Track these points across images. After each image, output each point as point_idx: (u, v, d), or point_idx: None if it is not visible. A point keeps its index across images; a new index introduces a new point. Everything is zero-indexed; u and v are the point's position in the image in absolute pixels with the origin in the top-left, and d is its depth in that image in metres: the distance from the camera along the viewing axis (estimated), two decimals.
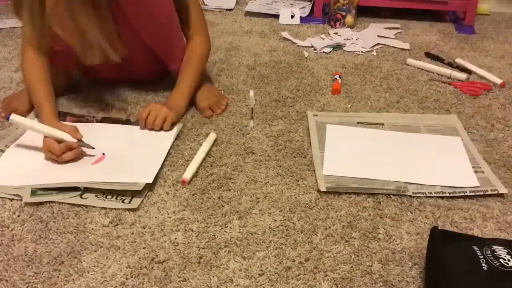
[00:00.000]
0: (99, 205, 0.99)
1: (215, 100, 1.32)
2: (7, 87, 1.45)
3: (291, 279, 0.84)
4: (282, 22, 1.93)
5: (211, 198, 1.02)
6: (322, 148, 1.16)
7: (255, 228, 0.95)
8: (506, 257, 0.76)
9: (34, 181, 1.04)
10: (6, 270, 0.86)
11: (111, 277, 0.85)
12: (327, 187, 1.03)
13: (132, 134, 1.22)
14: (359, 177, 1.06)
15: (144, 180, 1.03)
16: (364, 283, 0.83)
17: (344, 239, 0.92)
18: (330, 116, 1.29)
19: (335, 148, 1.15)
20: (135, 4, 1.18)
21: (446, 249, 0.80)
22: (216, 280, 0.84)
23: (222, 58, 1.62)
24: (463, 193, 1.02)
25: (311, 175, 1.08)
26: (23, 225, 0.95)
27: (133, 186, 1.01)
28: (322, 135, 1.20)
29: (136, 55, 1.33)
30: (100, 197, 1.01)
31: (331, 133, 1.21)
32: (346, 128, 1.23)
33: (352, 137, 1.20)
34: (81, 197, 1.01)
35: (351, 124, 1.25)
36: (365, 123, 1.26)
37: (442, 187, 1.03)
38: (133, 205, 0.99)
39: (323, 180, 1.05)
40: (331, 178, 1.06)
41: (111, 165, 1.10)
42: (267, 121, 1.28)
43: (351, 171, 1.07)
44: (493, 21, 1.97)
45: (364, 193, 1.02)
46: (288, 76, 1.51)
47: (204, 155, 1.13)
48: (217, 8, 2.06)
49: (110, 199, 1.00)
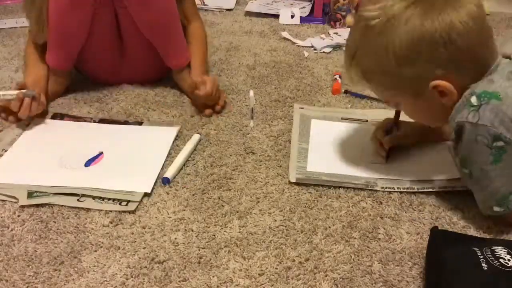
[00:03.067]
0: (96, 207, 0.99)
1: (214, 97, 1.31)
2: (7, 87, 1.45)
3: (291, 279, 0.84)
4: (282, 22, 1.92)
5: (211, 198, 1.02)
6: (302, 141, 1.17)
7: (255, 228, 0.95)
8: (506, 257, 0.76)
9: (30, 180, 1.04)
10: (6, 270, 0.86)
11: (111, 277, 0.85)
12: (297, 178, 1.05)
13: (131, 135, 1.22)
14: (334, 173, 1.07)
15: (142, 189, 1.02)
16: (364, 283, 0.83)
17: (344, 239, 0.92)
18: (315, 111, 1.31)
19: (319, 144, 1.16)
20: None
21: (446, 249, 0.80)
22: (216, 280, 0.84)
23: (222, 58, 1.62)
24: (431, 189, 1.02)
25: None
26: (23, 225, 0.95)
27: (131, 195, 1.01)
28: (304, 128, 1.22)
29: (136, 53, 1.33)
30: (98, 201, 1.00)
31: (316, 128, 1.22)
32: (330, 124, 1.24)
33: (335, 132, 1.21)
34: (78, 200, 1.00)
35: (335, 119, 1.26)
36: (349, 118, 1.27)
37: (411, 182, 1.04)
38: (130, 207, 0.98)
39: (295, 171, 1.06)
40: (303, 170, 1.07)
41: (109, 169, 1.09)
42: (267, 121, 1.28)
43: (329, 168, 1.08)
44: (493, 21, 1.97)
45: (332, 186, 1.04)
46: (288, 76, 1.51)
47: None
48: (217, 8, 2.06)
49: (107, 202, 1.00)
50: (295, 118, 1.26)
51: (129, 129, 1.24)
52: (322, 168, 1.08)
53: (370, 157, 1.11)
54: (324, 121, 1.25)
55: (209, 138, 1.21)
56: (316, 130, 1.22)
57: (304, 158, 1.11)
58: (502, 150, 0.85)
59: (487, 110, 0.84)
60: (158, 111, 1.32)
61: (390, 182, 1.04)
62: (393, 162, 1.10)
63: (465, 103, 0.87)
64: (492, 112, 0.84)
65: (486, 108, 0.84)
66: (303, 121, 1.25)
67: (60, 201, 1.00)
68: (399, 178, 1.05)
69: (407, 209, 0.99)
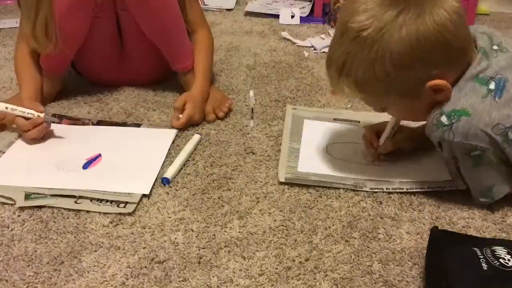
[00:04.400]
0: (94, 209, 0.98)
1: (219, 103, 1.31)
2: (7, 87, 1.45)
3: (291, 279, 0.84)
4: (282, 22, 1.93)
5: (211, 198, 1.02)
6: (293, 140, 1.17)
7: (255, 228, 0.95)
8: (506, 257, 0.76)
9: (28, 182, 1.03)
10: (6, 270, 0.86)
11: (111, 277, 0.85)
12: (286, 177, 1.05)
13: (130, 136, 1.21)
14: (323, 173, 1.07)
15: (140, 191, 1.02)
16: (364, 283, 0.83)
17: (344, 239, 0.92)
18: (307, 111, 1.31)
19: (310, 144, 1.16)
20: (138, 2, 1.18)
21: (446, 249, 0.80)
22: (216, 280, 0.84)
23: (222, 58, 1.62)
24: (420, 189, 1.02)
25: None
26: (23, 225, 0.95)
27: (129, 197, 1.00)
28: (296, 128, 1.22)
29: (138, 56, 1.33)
30: (95, 202, 1.00)
31: (308, 129, 1.23)
32: (322, 124, 1.25)
33: (326, 133, 1.21)
34: (76, 202, 1.00)
35: (327, 120, 1.27)
36: (341, 119, 1.27)
37: (401, 182, 1.04)
38: (128, 209, 0.98)
39: (284, 170, 1.07)
40: (292, 170, 1.07)
41: (107, 171, 1.09)
42: (267, 121, 1.28)
43: (319, 168, 1.09)
44: (493, 21, 1.97)
45: (321, 187, 1.04)
46: (288, 76, 1.51)
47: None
48: (217, 8, 2.06)
49: (105, 204, 1.00)
50: (286, 118, 1.27)
51: (128, 131, 1.24)
52: (311, 168, 1.08)
53: (360, 158, 1.12)
54: (316, 121, 1.26)
55: (209, 138, 1.21)
56: (308, 130, 1.22)
57: (294, 158, 1.12)
58: (480, 157, 0.92)
59: (460, 127, 0.89)
60: (158, 111, 1.32)
61: (379, 183, 1.04)
62: (382, 163, 1.10)
63: (436, 123, 0.91)
64: (464, 128, 0.89)
65: (458, 126, 0.89)
66: (295, 121, 1.26)
67: (58, 203, 0.99)
68: (388, 179, 1.05)
69: (407, 209, 0.99)
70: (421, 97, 0.93)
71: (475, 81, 0.91)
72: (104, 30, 1.27)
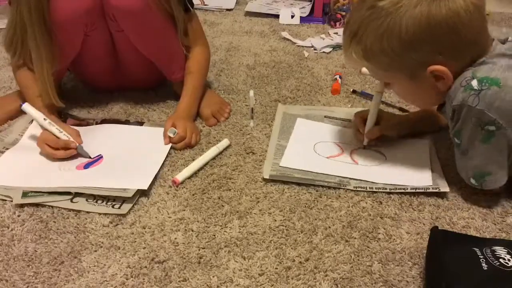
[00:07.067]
0: (89, 209, 0.98)
1: (218, 108, 1.30)
2: (7, 87, 1.45)
3: (291, 279, 0.84)
4: (282, 22, 1.93)
5: (211, 198, 1.02)
6: (282, 138, 1.18)
7: (255, 228, 0.95)
8: (506, 257, 0.76)
9: (26, 183, 1.04)
10: (6, 270, 0.86)
11: (111, 277, 0.85)
12: (270, 175, 1.05)
13: (131, 135, 1.22)
14: (308, 170, 1.07)
15: (139, 186, 1.02)
16: (364, 283, 0.83)
17: (344, 239, 0.92)
18: (298, 109, 1.32)
19: (297, 142, 1.17)
20: (129, 18, 1.17)
21: (446, 249, 0.80)
22: (216, 280, 0.84)
23: (222, 58, 1.62)
24: (403, 189, 1.02)
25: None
26: (23, 225, 0.95)
27: (123, 192, 1.00)
28: (286, 126, 1.23)
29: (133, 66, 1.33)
30: (91, 202, 1.00)
31: (298, 126, 1.23)
32: (313, 123, 1.25)
33: (315, 131, 1.22)
34: (72, 201, 1.00)
35: (318, 118, 1.27)
36: (332, 117, 1.28)
37: (384, 184, 1.04)
38: (122, 210, 0.98)
39: (270, 168, 1.08)
40: (278, 167, 1.08)
41: (107, 169, 1.09)
42: (267, 121, 1.28)
43: (303, 165, 1.09)
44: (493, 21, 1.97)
45: (305, 184, 1.04)
46: (288, 76, 1.51)
47: (208, 160, 1.12)
48: (217, 8, 2.06)
49: (100, 204, 1.00)
50: (277, 116, 1.27)
51: (130, 129, 1.24)
52: (295, 164, 1.09)
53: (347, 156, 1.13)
54: (308, 120, 1.26)
55: (209, 138, 1.21)
56: (298, 128, 1.23)
57: (280, 155, 1.12)
58: (492, 134, 0.91)
59: (487, 95, 0.88)
60: (158, 111, 1.32)
61: (364, 182, 1.04)
62: (367, 162, 1.11)
63: (465, 85, 0.90)
64: (492, 98, 0.88)
65: (486, 94, 0.88)
66: (285, 119, 1.26)
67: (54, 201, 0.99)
68: (372, 179, 1.05)
69: (407, 209, 0.99)
70: (422, 80, 0.94)
71: (510, 58, 0.91)
72: (98, 48, 1.26)
